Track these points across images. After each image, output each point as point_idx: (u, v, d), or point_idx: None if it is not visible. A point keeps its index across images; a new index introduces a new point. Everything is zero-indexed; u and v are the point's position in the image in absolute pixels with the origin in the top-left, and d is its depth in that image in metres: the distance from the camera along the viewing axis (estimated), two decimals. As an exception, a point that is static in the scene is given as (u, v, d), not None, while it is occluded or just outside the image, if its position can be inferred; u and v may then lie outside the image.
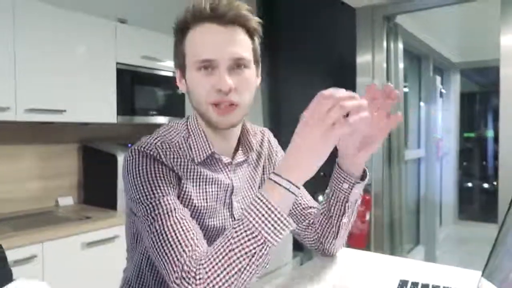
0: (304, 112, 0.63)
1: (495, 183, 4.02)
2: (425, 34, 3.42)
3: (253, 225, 0.64)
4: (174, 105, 2.48)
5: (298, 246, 3.03)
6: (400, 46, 2.87)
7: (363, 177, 0.87)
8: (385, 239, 2.75)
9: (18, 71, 1.77)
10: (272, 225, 0.64)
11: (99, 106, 2.10)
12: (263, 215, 0.64)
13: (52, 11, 1.90)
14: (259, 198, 0.65)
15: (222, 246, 0.64)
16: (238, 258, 0.63)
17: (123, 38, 2.18)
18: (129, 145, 2.26)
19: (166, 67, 2.42)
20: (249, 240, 0.63)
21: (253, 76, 0.82)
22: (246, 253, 0.63)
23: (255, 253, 0.63)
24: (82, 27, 2.01)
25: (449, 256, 3.81)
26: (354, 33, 2.74)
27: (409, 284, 0.86)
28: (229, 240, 0.64)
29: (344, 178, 0.86)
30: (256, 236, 0.63)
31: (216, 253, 0.64)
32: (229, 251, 0.63)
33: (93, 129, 2.35)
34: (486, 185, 4.92)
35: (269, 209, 0.64)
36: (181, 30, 0.80)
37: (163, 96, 2.43)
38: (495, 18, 2.30)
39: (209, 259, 0.64)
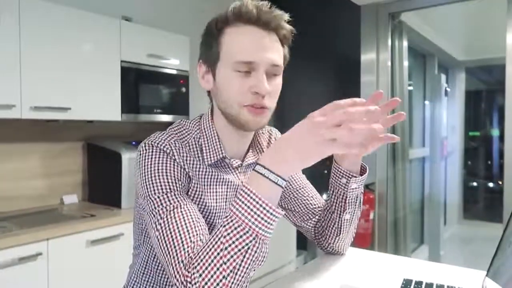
0: (314, 113, 0.62)
1: (500, 182, 4.00)
2: (430, 32, 3.40)
3: (243, 221, 0.63)
4: (179, 103, 2.49)
5: (302, 245, 3.03)
6: (405, 44, 2.86)
7: (362, 174, 0.87)
8: (389, 238, 2.75)
9: (23, 69, 1.78)
10: (262, 218, 0.63)
11: (104, 104, 2.11)
12: (252, 210, 0.63)
13: (57, 9, 1.90)
14: (245, 193, 0.64)
15: (213, 246, 0.63)
16: (232, 256, 0.62)
17: (128, 36, 2.19)
18: (133, 142, 2.27)
19: (171, 65, 2.42)
20: (240, 236, 0.63)
21: (281, 84, 0.83)
22: (239, 250, 0.62)
23: (248, 248, 0.63)
24: (86, 25, 2.02)
25: (454, 255, 3.79)
26: (359, 30, 2.73)
27: (413, 284, 0.85)
28: (219, 239, 0.63)
29: (342, 173, 0.86)
30: (247, 231, 0.63)
31: (207, 253, 0.63)
32: (221, 250, 0.62)
33: (97, 127, 2.36)
34: (491, 184, 4.89)
35: (258, 203, 0.63)
36: (219, 27, 0.80)
37: (167, 94, 2.44)
38: (501, 16, 2.29)
39: (202, 261, 0.63)
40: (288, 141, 0.64)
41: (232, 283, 0.63)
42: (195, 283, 0.62)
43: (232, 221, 0.64)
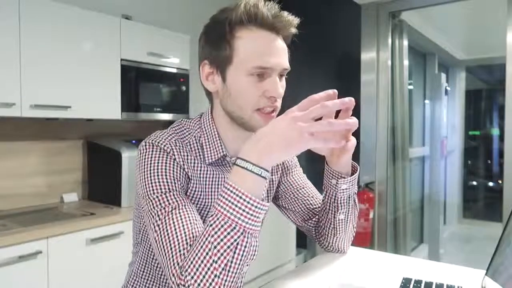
0: (292, 108, 0.65)
1: (500, 181, 4.00)
2: (430, 31, 3.39)
3: (229, 218, 0.63)
4: (179, 102, 2.48)
5: (301, 243, 3.03)
6: (405, 43, 2.86)
7: (353, 174, 0.88)
8: (389, 237, 2.75)
9: (23, 67, 1.78)
10: (248, 212, 0.63)
11: (104, 103, 2.11)
12: (236, 205, 0.63)
13: (57, 7, 1.90)
14: (228, 189, 0.64)
15: (202, 246, 0.63)
16: (222, 253, 0.62)
17: (128, 35, 2.19)
18: (133, 141, 2.27)
19: (171, 63, 2.42)
20: (228, 233, 0.63)
21: None
22: (228, 246, 0.62)
23: (237, 243, 0.63)
24: (87, 23, 2.01)
25: (453, 254, 3.80)
26: (359, 29, 2.73)
27: (412, 282, 0.86)
28: (207, 239, 0.63)
29: (332, 174, 0.87)
30: (235, 227, 0.63)
31: (197, 254, 0.63)
32: (209, 249, 0.62)
33: (97, 125, 2.36)
34: (491, 184, 4.89)
35: (241, 198, 0.63)
36: (231, 28, 0.77)
37: (167, 92, 2.44)
38: (501, 15, 2.28)
39: (192, 263, 0.63)
40: (268, 135, 0.65)
41: (226, 280, 0.62)
42: (188, 286, 0.62)
43: (218, 219, 0.64)
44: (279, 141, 0.64)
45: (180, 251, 0.66)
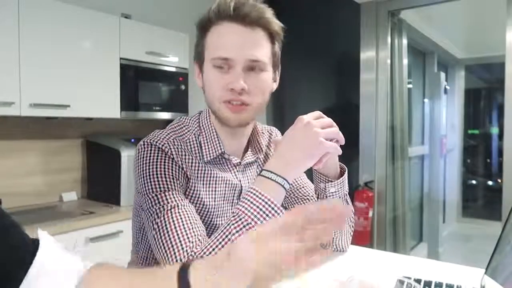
0: (304, 116, 0.75)
1: (499, 180, 4.00)
2: (429, 30, 3.39)
3: (252, 219, 0.65)
4: (178, 101, 2.48)
5: (300, 242, 3.03)
6: (405, 41, 2.86)
7: (342, 176, 0.88)
8: (388, 236, 2.75)
9: (23, 66, 1.78)
10: (270, 217, 0.67)
11: (103, 101, 2.11)
12: (261, 209, 0.66)
13: (57, 6, 1.90)
14: (253, 193, 0.68)
15: (220, 243, 0.64)
16: None
17: (127, 34, 2.18)
18: (133, 140, 2.27)
19: (170, 62, 2.42)
20: None
21: (268, 80, 0.82)
22: None
23: None
24: (86, 22, 2.01)
25: (452, 253, 3.80)
26: (358, 28, 2.73)
27: (412, 281, 0.85)
28: (227, 236, 0.64)
29: (320, 178, 0.87)
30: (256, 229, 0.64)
31: (214, 250, 0.64)
32: (227, 245, 0.64)
33: (97, 124, 2.36)
34: (490, 183, 4.89)
35: (267, 203, 0.67)
36: (203, 27, 0.81)
37: (166, 91, 2.43)
38: (501, 14, 2.28)
39: (205, 253, 0.64)
40: (288, 144, 0.72)
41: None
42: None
43: (241, 219, 0.65)
44: (300, 150, 0.71)
45: (182, 248, 0.67)
